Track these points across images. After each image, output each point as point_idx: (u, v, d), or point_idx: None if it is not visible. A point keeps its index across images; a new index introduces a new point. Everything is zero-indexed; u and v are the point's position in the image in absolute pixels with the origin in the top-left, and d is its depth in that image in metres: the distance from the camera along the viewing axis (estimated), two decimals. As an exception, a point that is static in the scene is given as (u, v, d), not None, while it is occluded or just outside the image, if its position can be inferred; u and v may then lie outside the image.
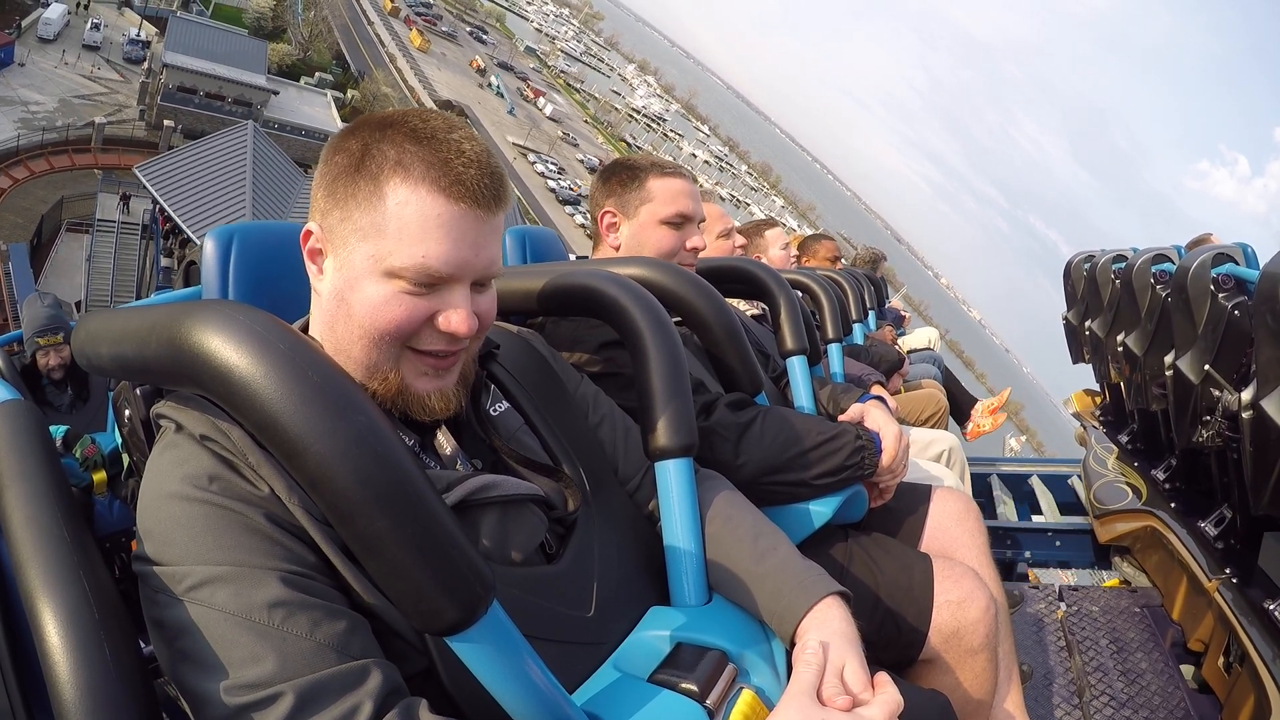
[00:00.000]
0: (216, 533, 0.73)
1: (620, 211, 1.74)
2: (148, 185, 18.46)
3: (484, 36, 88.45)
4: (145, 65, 34.03)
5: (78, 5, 37.22)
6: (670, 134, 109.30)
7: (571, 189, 60.69)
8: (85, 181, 25.49)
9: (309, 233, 0.89)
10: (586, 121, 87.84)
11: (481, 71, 74.65)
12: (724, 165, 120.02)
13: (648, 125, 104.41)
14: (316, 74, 44.00)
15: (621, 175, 1.75)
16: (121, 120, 31.15)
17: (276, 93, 34.08)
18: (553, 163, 65.20)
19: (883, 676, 0.86)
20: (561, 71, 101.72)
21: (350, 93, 43.60)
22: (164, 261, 20.17)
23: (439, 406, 0.90)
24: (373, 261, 0.83)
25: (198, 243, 15.69)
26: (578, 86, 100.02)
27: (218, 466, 0.78)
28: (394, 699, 0.72)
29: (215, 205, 17.85)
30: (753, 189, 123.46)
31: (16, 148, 26.22)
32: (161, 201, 18.28)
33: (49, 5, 35.14)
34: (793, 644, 0.98)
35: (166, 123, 30.45)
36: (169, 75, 30.67)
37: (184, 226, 17.67)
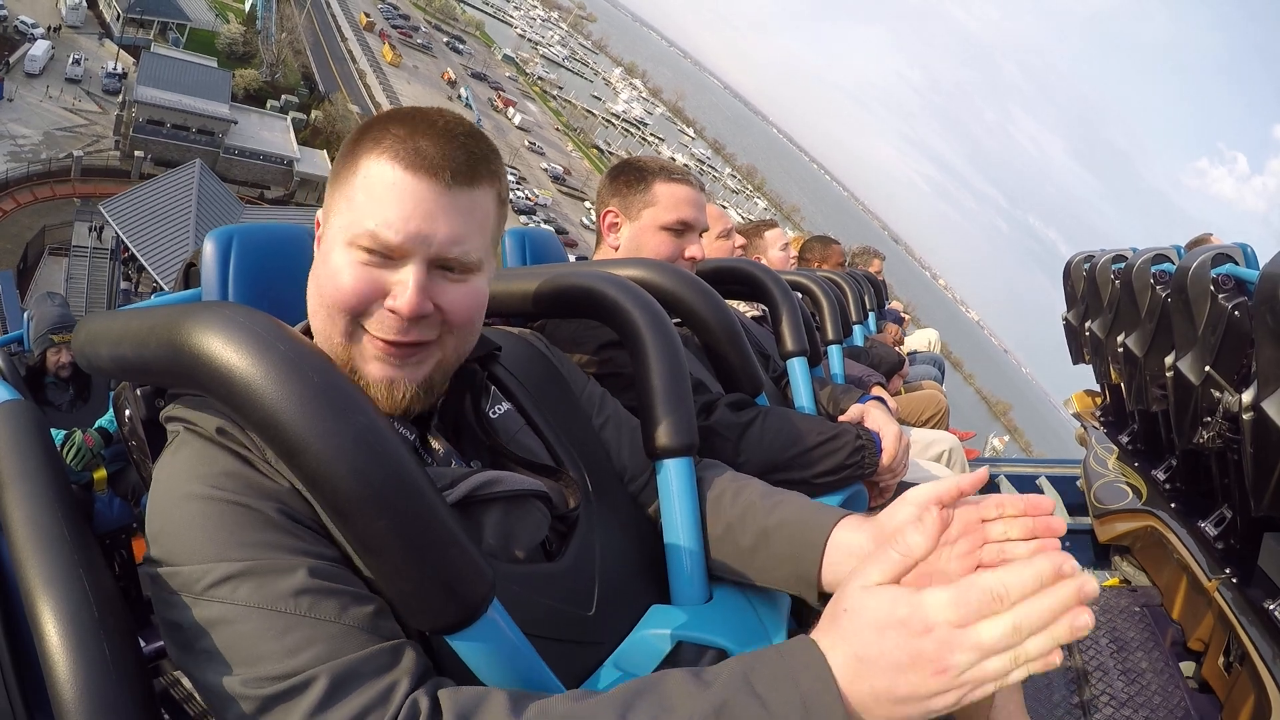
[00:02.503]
0: (232, 529, 0.72)
1: (623, 212, 1.74)
2: (110, 221, 21.93)
3: (460, 46, 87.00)
4: (121, 97, 36.51)
5: (49, 29, 39.51)
6: (649, 138, 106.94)
7: (529, 199, 60.87)
8: (65, 210, 28.05)
9: (317, 221, 0.91)
10: (558, 129, 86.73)
11: (453, 83, 73.86)
12: (704, 168, 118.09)
13: (625, 130, 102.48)
14: (283, 96, 45.18)
15: (629, 176, 1.75)
16: (99, 151, 33.65)
17: (235, 122, 36.63)
18: (512, 172, 65.15)
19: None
20: (539, 78, 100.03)
21: (314, 113, 44.57)
22: (123, 285, 23.50)
23: (383, 397, 0.85)
24: (341, 232, 0.84)
25: (150, 271, 20.75)
26: (554, 94, 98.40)
27: (234, 463, 0.77)
28: (426, 678, 0.71)
29: (165, 236, 21.31)
30: (734, 191, 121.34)
31: (5, 180, 28.61)
32: (122, 235, 21.65)
33: (35, 42, 37.34)
34: (820, 595, 0.95)
35: (137, 153, 33.17)
36: (139, 110, 33.52)
37: (139, 256, 21.17)
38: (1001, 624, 0.55)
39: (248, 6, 54.47)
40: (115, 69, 38.98)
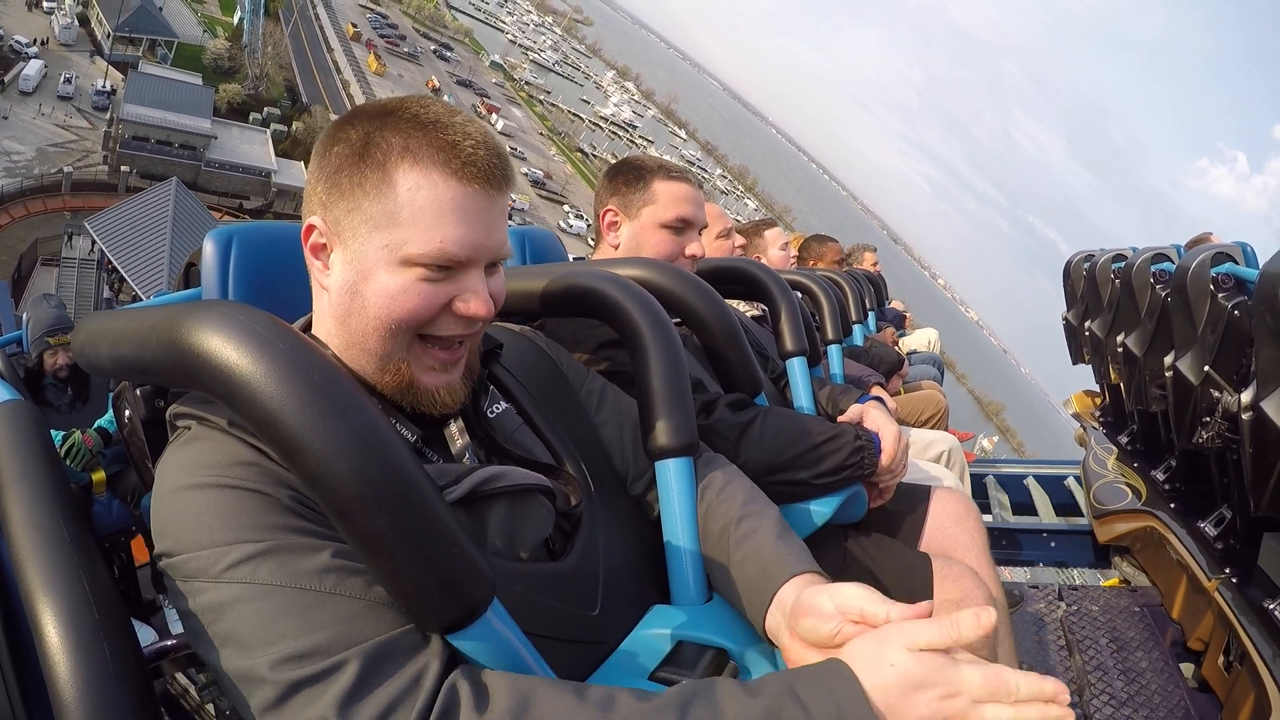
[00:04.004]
0: (250, 513, 0.71)
1: (622, 211, 1.74)
2: (94, 235, 24.94)
3: (447, 54, 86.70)
4: (109, 114, 38.31)
5: (34, 41, 41.43)
6: (637, 140, 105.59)
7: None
8: (56, 223, 30.35)
9: (310, 228, 0.87)
10: (542, 134, 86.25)
11: (437, 91, 73.35)
12: (694, 169, 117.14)
13: (612, 133, 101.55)
14: (265, 109, 46.57)
15: (627, 175, 1.75)
16: (88, 166, 35.81)
17: (215, 137, 38.93)
18: (486, 177, 65.57)
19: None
20: (527, 84, 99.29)
21: (295, 125, 45.81)
22: (106, 293, 25.92)
23: (449, 400, 0.90)
24: (387, 251, 0.82)
25: (129, 280, 23.58)
26: (541, 99, 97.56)
27: (248, 452, 0.76)
28: (454, 662, 0.71)
29: (143, 249, 24.15)
30: (724, 192, 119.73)
31: (1, 195, 30.70)
32: (105, 249, 24.65)
33: (29, 61, 39.41)
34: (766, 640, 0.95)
35: (124, 168, 35.37)
36: (125, 127, 35.74)
37: (119, 267, 24.07)
38: (1006, 713, 0.67)
39: (236, 21, 55.19)
40: (105, 86, 40.67)
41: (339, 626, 0.67)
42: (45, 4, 44.61)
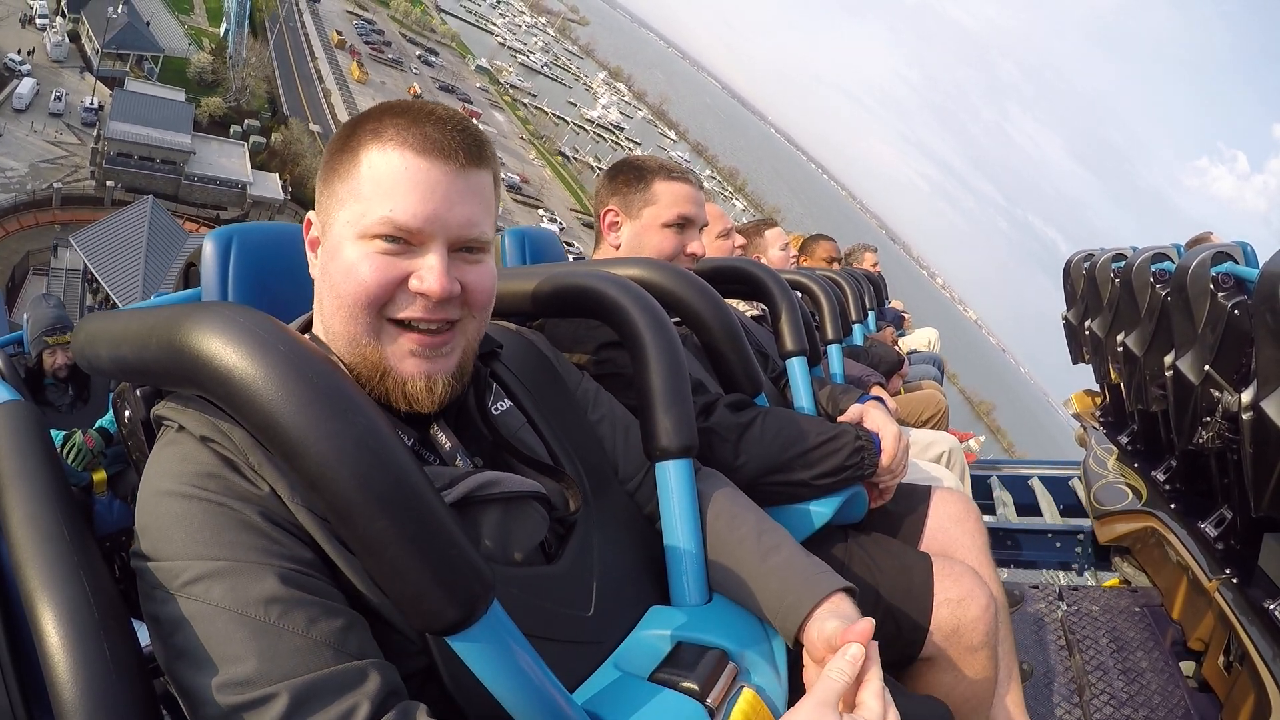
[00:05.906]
0: (214, 529, 0.73)
1: (623, 211, 1.75)
2: (78, 249, 27.66)
3: (432, 59, 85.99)
4: (96, 130, 40.17)
5: (18, 51, 42.82)
6: (623, 142, 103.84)
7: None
8: (47, 235, 32.89)
9: (308, 223, 0.91)
10: (523, 138, 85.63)
11: (418, 98, 73.18)
12: None
13: (597, 136, 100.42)
14: (245, 121, 47.69)
15: (628, 174, 1.75)
16: (77, 180, 38.00)
17: (194, 152, 40.73)
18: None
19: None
20: (513, 87, 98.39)
21: (274, 136, 46.88)
22: (89, 301, 28.37)
23: (423, 395, 0.86)
24: (349, 227, 0.84)
25: (108, 290, 26.20)
26: (526, 102, 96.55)
27: (218, 465, 0.77)
28: (392, 701, 0.71)
29: (121, 262, 27.00)
30: (712, 192, 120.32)
31: None
32: (87, 262, 27.48)
33: (22, 79, 41.26)
34: (796, 643, 0.98)
35: (109, 182, 37.76)
36: (110, 144, 37.92)
37: (99, 278, 26.72)
38: None
39: (221, 33, 55.76)
40: (93, 103, 41.94)
41: (275, 660, 0.68)
42: (38, 21, 45.95)
